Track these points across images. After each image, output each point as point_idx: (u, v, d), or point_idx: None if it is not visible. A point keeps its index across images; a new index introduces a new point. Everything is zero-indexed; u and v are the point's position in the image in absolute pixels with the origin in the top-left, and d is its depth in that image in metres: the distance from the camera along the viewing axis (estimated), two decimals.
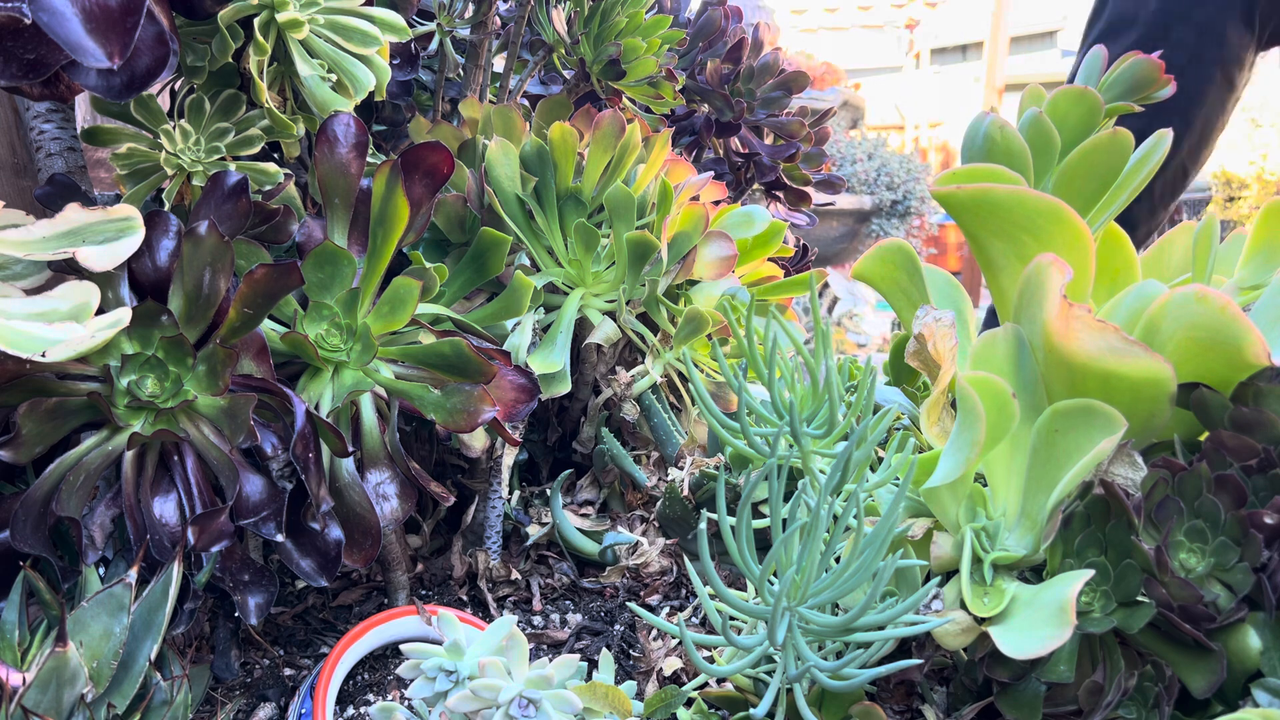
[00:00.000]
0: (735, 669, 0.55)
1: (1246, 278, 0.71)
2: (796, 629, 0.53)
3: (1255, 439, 0.56)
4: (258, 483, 0.69)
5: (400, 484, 0.76)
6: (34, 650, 0.58)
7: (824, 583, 0.53)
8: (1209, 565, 0.54)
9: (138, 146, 0.78)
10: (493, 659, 0.58)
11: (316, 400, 0.75)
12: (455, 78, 1.14)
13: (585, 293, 0.98)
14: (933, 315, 0.70)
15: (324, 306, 0.75)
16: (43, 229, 0.63)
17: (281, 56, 0.77)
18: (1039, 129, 0.77)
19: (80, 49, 0.55)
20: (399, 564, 0.88)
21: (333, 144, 0.75)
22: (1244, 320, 0.56)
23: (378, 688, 0.78)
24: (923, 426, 0.66)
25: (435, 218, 0.90)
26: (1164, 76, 0.80)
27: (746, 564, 0.54)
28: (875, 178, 5.81)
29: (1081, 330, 0.58)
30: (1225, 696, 0.54)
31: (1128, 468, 0.59)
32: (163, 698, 0.59)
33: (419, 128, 1.02)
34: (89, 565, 0.65)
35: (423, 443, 0.98)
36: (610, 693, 0.60)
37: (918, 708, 0.65)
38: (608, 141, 0.96)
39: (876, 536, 0.51)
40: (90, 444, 0.66)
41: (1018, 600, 0.57)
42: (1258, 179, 5.46)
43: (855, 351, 3.94)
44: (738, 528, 0.54)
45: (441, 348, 0.76)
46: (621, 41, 1.10)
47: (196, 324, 0.69)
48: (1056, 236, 0.67)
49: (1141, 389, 0.58)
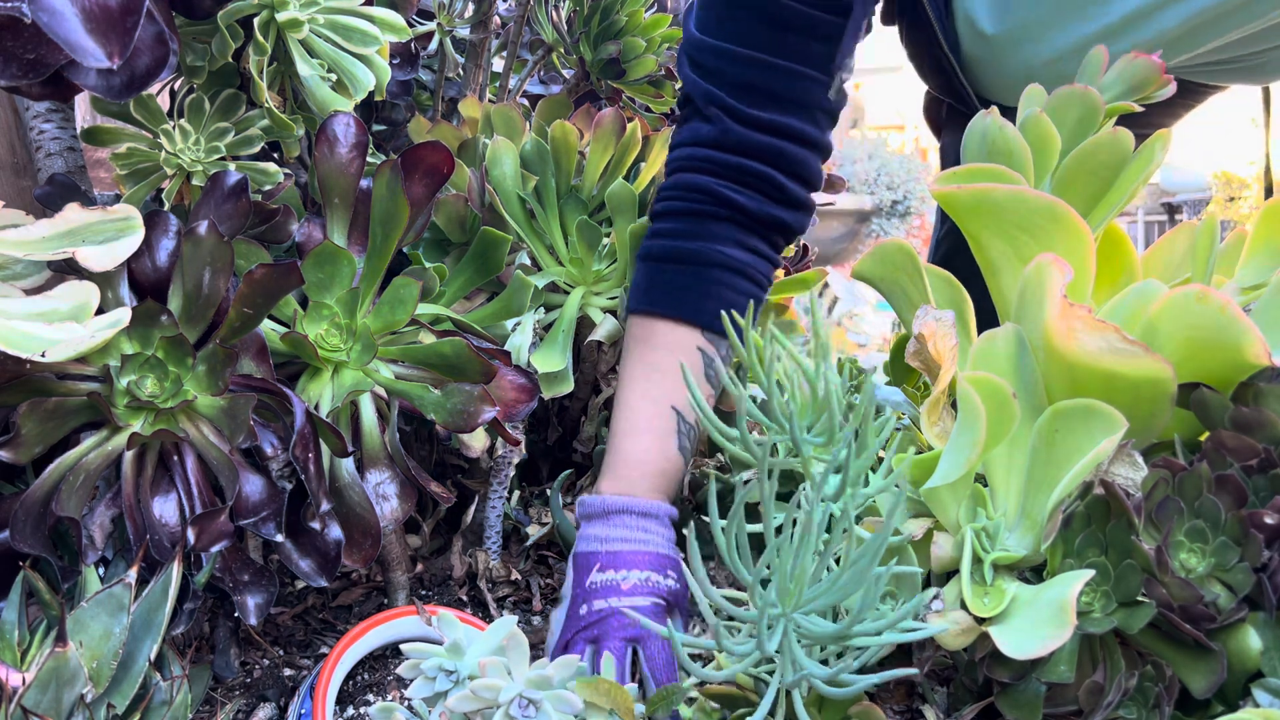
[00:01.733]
0: (728, 674, 0.55)
1: (1246, 278, 0.71)
2: (792, 635, 0.53)
3: (1255, 439, 0.56)
4: (257, 483, 0.69)
5: (400, 484, 0.76)
6: (34, 650, 0.58)
7: (820, 588, 0.53)
8: (1209, 565, 0.54)
9: (138, 146, 0.78)
10: (493, 659, 0.58)
11: (316, 400, 0.75)
12: (455, 77, 1.14)
13: (586, 291, 0.98)
14: (933, 315, 0.70)
15: (324, 306, 0.75)
16: (43, 229, 0.63)
17: (281, 56, 0.77)
18: (1039, 129, 0.77)
19: (80, 49, 0.55)
20: (399, 564, 0.88)
21: (333, 144, 0.75)
22: (1244, 320, 0.56)
23: (378, 688, 0.78)
24: (923, 426, 0.66)
25: (435, 217, 0.90)
26: (1164, 76, 0.80)
27: (739, 568, 0.54)
28: (875, 178, 5.81)
29: (1082, 330, 0.58)
30: (1225, 696, 0.54)
31: (1128, 468, 0.59)
32: (163, 698, 0.59)
33: (419, 127, 1.02)
34: (89, 565, 0.65)
35: (423, 443, 0.98)
36: (612, 689, 0.60)
37: (918, 708, 0.65)
38: (608, 140, 0.96)
39: (872, 543, 0.51)
40: (90, 444, 0.66)
41: (1018, 600, 0.57)
42: (1258, 179, 5.46)
43: (855, 351, 3.94)
44: (729, 530, 0.53)
45: (442, 348, 0.76)
46: (621, 40, 1.10)
47: (196, 324, 0.69)
48: (1056, 236, 0.67)
49: (1142, 389, 0.58)
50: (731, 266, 0.87)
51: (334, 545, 0.71)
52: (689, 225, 0.87)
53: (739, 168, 0.86)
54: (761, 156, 0.86)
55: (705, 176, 0.87)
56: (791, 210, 0.89)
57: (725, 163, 0.86)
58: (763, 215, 0.87)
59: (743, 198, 0.86)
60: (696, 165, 0.87)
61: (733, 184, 0.86)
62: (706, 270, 0.86)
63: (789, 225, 0.89)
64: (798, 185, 0.88)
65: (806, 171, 0.88)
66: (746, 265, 0.87)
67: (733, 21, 0.85)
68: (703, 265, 0.86)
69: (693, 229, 0.87)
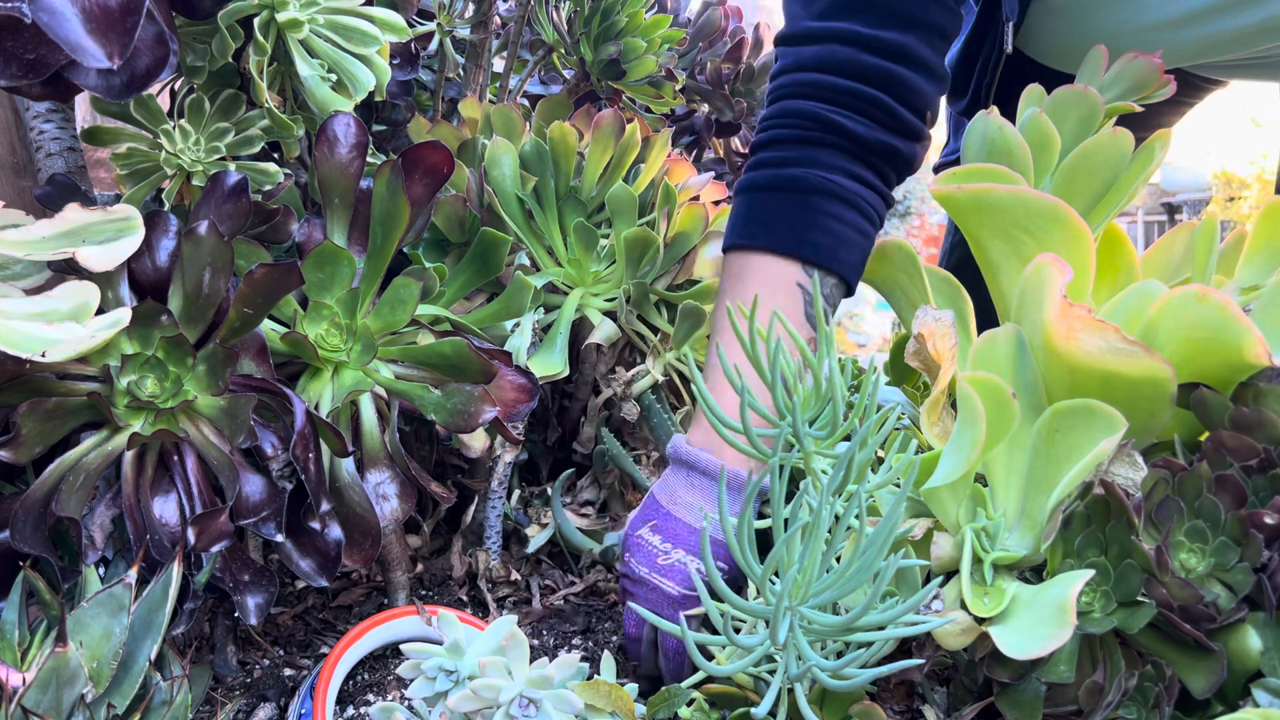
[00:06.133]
0: (737, 668, 0.55)
1: (1246, 278, 0.71)
2: (798, 628, 0.53)
3: (1255, 439, 0.56)
4: (258, 483, 0.69)
5: (400, 484, 0.76)
6: (34, 650, 0.58)
7: (825, 583, 0.53)
8: (1209, 565, 0.54)
9: (138, 146, 0.78)
10: (493, 659, 0.58)
11: (316, 400, 0.75)
12: (455, 78, 1.14)
13: (585, 292, 0.98)
14: (933, 315, 0.70)
15: (324, 306, 0.75)
16: (43, 229, 0.63)
17: (281, 56, 0.77)
18: (1039, 129, 0.77)
19: (80, 49, 0.55)
20: (399, 564, 0.88)
21: (333, 144, 0.75)
22: (1244, 320, 0.56)
23: (378, 688, 0.78)
24: (923, 426, 0.66)
25: (435, 218, 0.90)
26: (1164, 76, 0.80)
27: (749, 564, 0.54)
28: None
29: (1082, 330, 0.58)
30: (1225, 696, 0.54)
31: (1128, 468, 0.59)
32: (163, 698, 0.59)
33: (419, 128, 1.02)
34: (89, 565, 0.65)
35: (423, 443, 0.98)
36: (613, 691, 0.60)
37: (918, 708, 0.65)
38: (607, 141, 0.96)
39: (878, 537, 0.51)
40: (90, 444, 0.66)
41: (1018, 600, 0.57)
42: (1258, 179, 5.46)
43: (855, 351, 3.94)
44: (739, 528, 0.54)
45: (442, 348, 0.76)
46: (621, 41, 1.10)
47: (196, 324, 0.69)
48: (1056, 236, 0.67)
49: (1141, 389, 0.58)
50: (839, 195, 0.80)
51: (334, 545, 0.71)
52: (793, 153, 0.81)
53: (848, 91, 0.80)
54: (871, 80, 0.80)
55: (810, 102, 0.81)
56: (904, 139, 0.82)
57: (832, 85, 0.80)
58: (874, 142, 0.80)
59: (851, 122, 0.80)
60: (799, 90, 0.81)
61: (841, 109, 0.80)
62: (810, 198, 0.80)
63: (902, 154, 0.82)
64: (910, 113, 0.81)
65: (920, 100, 0.81)
66: (856, 195, 0.81)
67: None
68: (807, 193, 0.79)
69: (797, 156, 0.81)
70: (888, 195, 0.84)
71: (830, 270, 0.81)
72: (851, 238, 0.81)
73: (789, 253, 0.80)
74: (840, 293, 0.84)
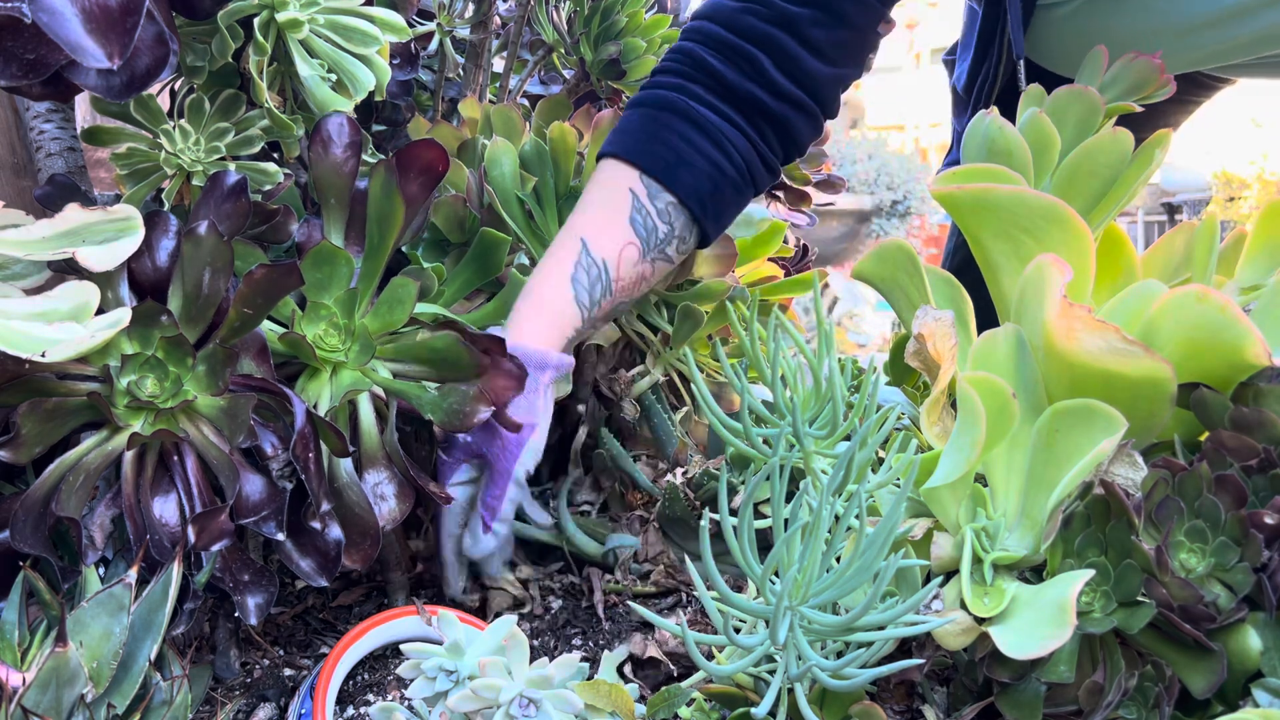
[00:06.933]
0: (737, 668, 0.55)
1: (1246, 278, 0.71)
2: (798, 628, 0.53)
3: (1255, 439, 0.56)
4: (257, 482, 0.69)
5: (398, 484, 0.76)
6: (34, 650, 0.58)
7: (825, 582, 0.53)
8: (1209, 565, 0.54)
9: (138, 146, 0.78)
10: (493, 659, 0.58)
11: (315, 400, 0.75)
12: (455, 78, 1.14)
13: None
14: (933, 315, 0.70)
15: (322, 306, 0.75)
16: (43, 229, 0.63)
17: (281, 56, 0.78)
18: (1039, 129, 0.77)
19: (80, 49, 0.55)
20: (399, 564, 0.88)
21: (327, 144, 0.75)
22: (1244, 320, 0.56)
23: (378, 688, 0.78)
24: (923, 426, 0.66)
25: (434, 218, 0.90)
26: (1164, 77, 0.80)
27: (749, 563, 0.54)
28: (875, 178, 5.81)
29: (1082, 330, 0.58)
30: (1225, 696, 0.54)
31: (1128, 468, 0.59)
32: (163, 698, 0.59)
33: (418, 128, 1.02)
34: (89, 565, 0.65)
35: (422, 443, 0.98)
36: (613, 691, 0.60)
37: (918, 708, 0.65)
38: None
39: (878, 537, 0.51)
40: (90, 444, 0.66)
41: (1018, 600, 0.57)
42: (1258, 179, 5.46)
43: (855, 351, 3.95)
44: (740, 527, 0.54)
45: (434, 342, 0.76)
46: (621, 41, 1.10)
47: (196, 324, 0.69)
48: (1056, 236, 0.67)
49: (1141, 389, 0.58)
50: (693, 119, 0.84)
51: (334, 545, 0.71)
52: (671, 80, 0.87)
53: (724, 41, 0.85)
54: (747, 36, 0.85)
55: (694, 44, 0.87)
56: (774, 98, 0.86)
57: (713, 33, 0.86)
58: (741, 90, 0.85)
59: (723, 66, 0.85)
60: (689, 35, 0.88)
61: (717, 54, 0.85)
62: (662, 114, 0.85)
63: (773, 112, 0.86)
64: (783, 77, 0.85)
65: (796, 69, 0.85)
66: (715, 128, 0.85)
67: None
68: (661, 109, 0.85)
69: (673, 83, 0.86)
70: (764, 152, 0.88)
71: (666, 186, 0.84)
72: (697, 163, 0.84)
73: (630, 159, 0.85)
74: (681, 221, 0.86)
